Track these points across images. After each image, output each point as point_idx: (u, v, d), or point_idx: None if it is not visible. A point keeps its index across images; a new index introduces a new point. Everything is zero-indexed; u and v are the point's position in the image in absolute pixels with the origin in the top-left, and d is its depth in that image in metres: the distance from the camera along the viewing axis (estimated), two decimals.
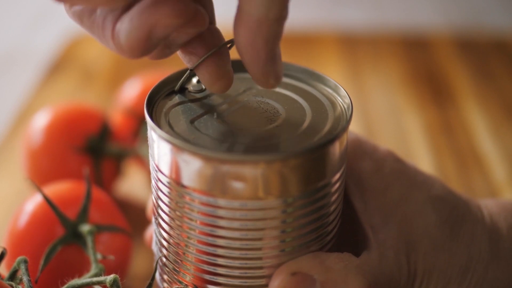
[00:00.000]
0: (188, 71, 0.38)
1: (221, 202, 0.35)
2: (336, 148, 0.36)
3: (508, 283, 0.40)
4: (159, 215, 0.38)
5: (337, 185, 0.37)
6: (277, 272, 0.36)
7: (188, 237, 0.37)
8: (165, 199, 0.37)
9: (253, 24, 0.32)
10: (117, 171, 0.58)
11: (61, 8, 0.36)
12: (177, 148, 0.35)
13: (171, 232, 0.37)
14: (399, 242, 0.38)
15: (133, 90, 0.62)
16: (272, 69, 0.34)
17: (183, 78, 0.39)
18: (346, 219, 0.40)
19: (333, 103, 0.39)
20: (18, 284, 0.40)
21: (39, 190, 0.45)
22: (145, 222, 0.50)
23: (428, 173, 0.42)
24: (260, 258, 0.36)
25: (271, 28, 0.32)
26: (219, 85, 0.37)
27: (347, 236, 0.40)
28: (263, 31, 0.32)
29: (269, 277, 0.37)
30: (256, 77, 0.35)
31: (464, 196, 0.42)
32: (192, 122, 0.37)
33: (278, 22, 0.33)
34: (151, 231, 0.44)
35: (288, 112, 0.38)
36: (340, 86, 0.39)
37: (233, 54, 0.37)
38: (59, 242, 0.44)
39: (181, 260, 0.38)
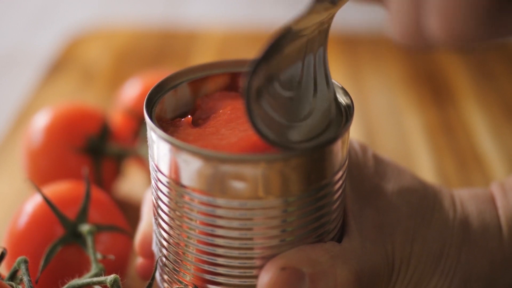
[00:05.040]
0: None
1: (221, 201, 0.35)
2: (338, 148, 0.36)
3: (480, 267, 0.41)
4: (159, 215, 0.38)
5: (339, 184, 0.37)
6: (266, 268, 0.36)
7: (188, 237, 0.37)
8: (165, 199, 0.37)
9: None
10: (117, 171, 0.58)
11: (61, 8, 0.36)
12: (176, 148, 0.35)
13: (171, 232, 0.37)
14: (376, 234, 0.39)
15: (133, 90, 0.61)
16: None
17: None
18: None
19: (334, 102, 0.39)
20: (19, 284, 0.40)
21: (39, 190, 0.44)
22: None
23: (399, 165, 0.43)
24: (260, 258, 0.36)
25: None
26: None
27: None
28: None
29: None
30: None
31: (436, 186, 0.43)
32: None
33: None
34: (144, 237, 0.42)
35: None
36: (341, 86, 0.39)
37: (234, 55, 0.36)
38: (59, 242, 0.44)
39: (181, 260, 0.38)
